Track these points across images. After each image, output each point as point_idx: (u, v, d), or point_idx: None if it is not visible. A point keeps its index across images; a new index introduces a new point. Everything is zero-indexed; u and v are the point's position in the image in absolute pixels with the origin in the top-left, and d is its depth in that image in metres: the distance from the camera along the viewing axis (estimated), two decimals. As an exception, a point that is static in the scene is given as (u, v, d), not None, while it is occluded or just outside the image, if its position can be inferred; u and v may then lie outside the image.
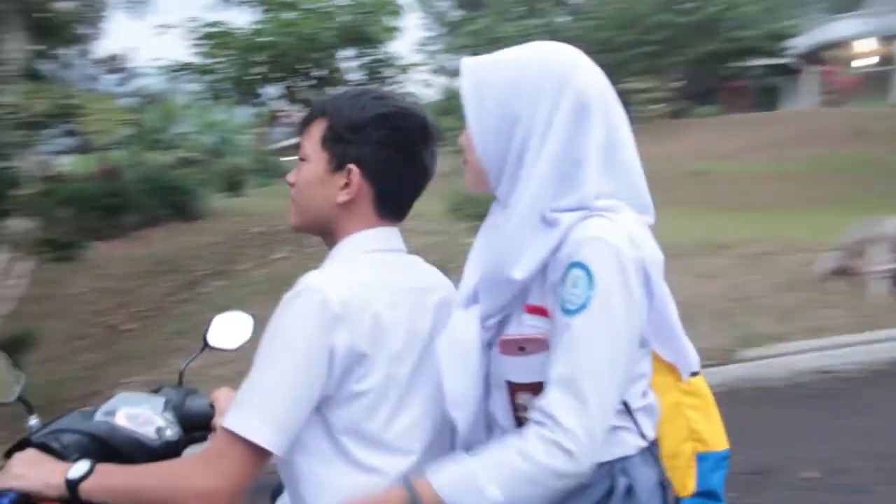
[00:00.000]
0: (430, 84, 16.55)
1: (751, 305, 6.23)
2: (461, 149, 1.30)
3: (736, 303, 6.29)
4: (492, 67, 1.27)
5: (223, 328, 1.81)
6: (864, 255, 6.37)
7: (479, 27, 5.72)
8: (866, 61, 24.95)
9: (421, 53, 24.29)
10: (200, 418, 1.60)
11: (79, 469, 1.26)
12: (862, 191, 12.02)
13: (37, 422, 1.54)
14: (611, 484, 1.20)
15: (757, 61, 26.30)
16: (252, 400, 1.19)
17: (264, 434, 1.15)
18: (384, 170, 1.33)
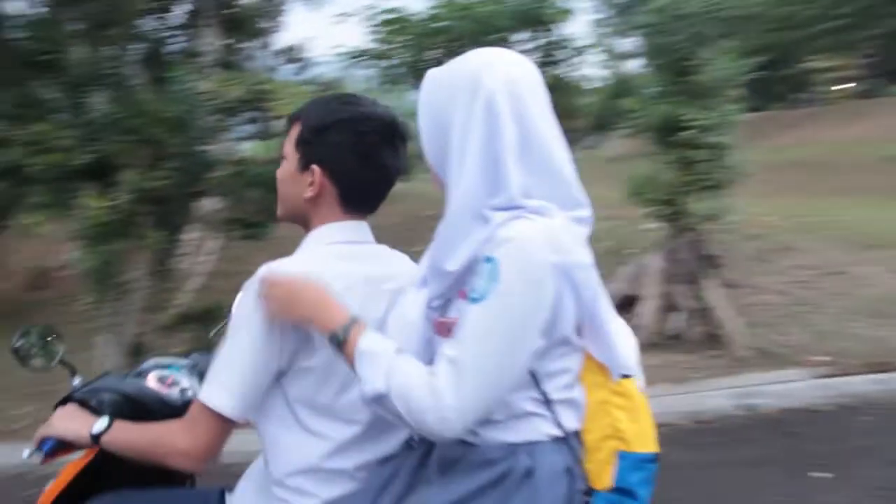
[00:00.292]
0: (604, 66, 16.20)
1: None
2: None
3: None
4: (436, 77, 1.40)
5: None
6: None
7: (664, 3, 5.47)
8: None
9: (594, 36, 23.72)
10: None
11: (100, 425, 1.54)
12: None
13: (79, 381, 1.85)
14: (513, 464, 1.31)
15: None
16: (217, 375, 1.42)
17: (226, 404, 1.39)
18: (345, 170, 1.49)
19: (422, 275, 1.43)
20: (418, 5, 10.25)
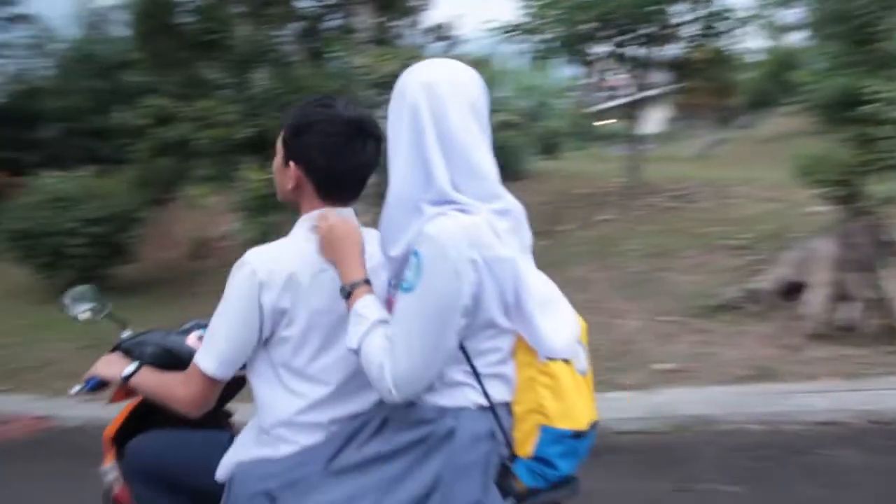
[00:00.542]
0: (766, 39, 15.27)
1: None
2: None
3: None
4: (395, 85, 1.59)
5: None
6: None
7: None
8: None
9: (756, 6, 22.43)
10: None
11: (129, 369, 1.91)
12: None
13: (128, 334, 2.18)
14: (440, 424, 1.52)
15: None
16: (208, 342, 1.72)
17: (210, 367, 1.69)
18: (316, 167, 1.71)
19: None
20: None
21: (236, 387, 2.00)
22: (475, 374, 1.55)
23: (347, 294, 1.58)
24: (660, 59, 10.30)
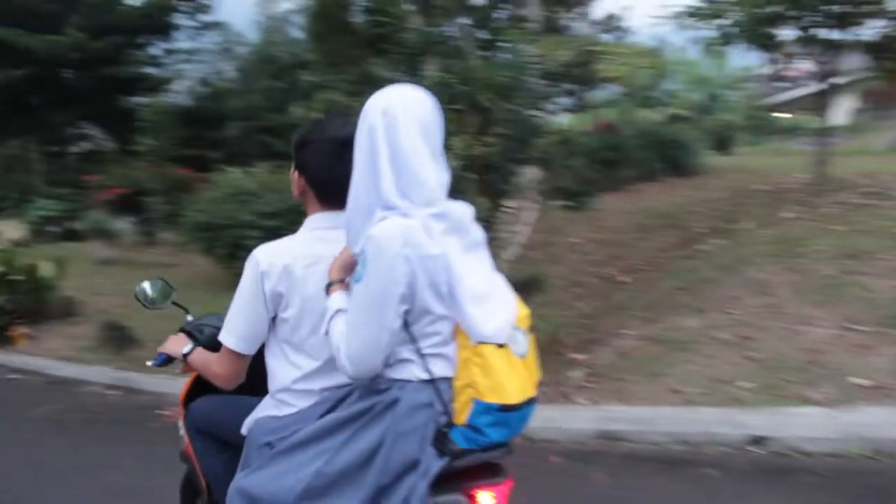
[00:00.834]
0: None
1: None
2: None
3: None
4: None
5: None
6: None
7: None
8: None
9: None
10: None
11: (187, 348, 2.30)
12: None
13: (191, 318, 2.60)
14: (387, 395, 1.84)
15: None
16: (227, 324, 2.07)
17: (232, 342, 2.06)
18: (314, 178, 2.06)
19: None
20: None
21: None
22: (419, 353, 1.84)
23: (327, 290, 1.95)
24: (855, 40, 9.41)
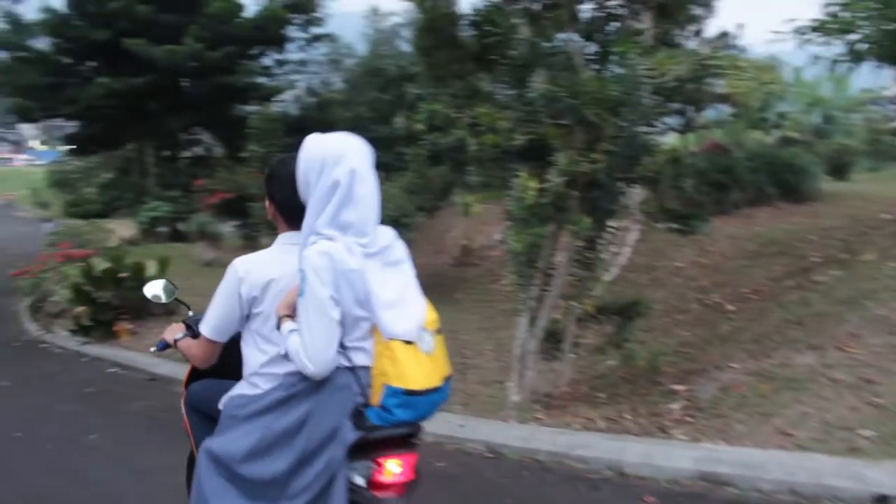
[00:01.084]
0: None
1: None
2: None
3: None
4: (310, 147, 2.40)
5: None
6: None
7: None
8: None
9: None
10: None
11: (177, 336, 2.86)
12: None
13: (192, 313, 3.10)
14: (320, 379, 2.34)
15: None
16: (206, 317, 2.58)
17: (208, 332, 2.58)
18: (279, 204, 2.58)
19: None
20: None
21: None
22: (343, 346, 2.33)
23: (278, 323, 2.43)
24: None
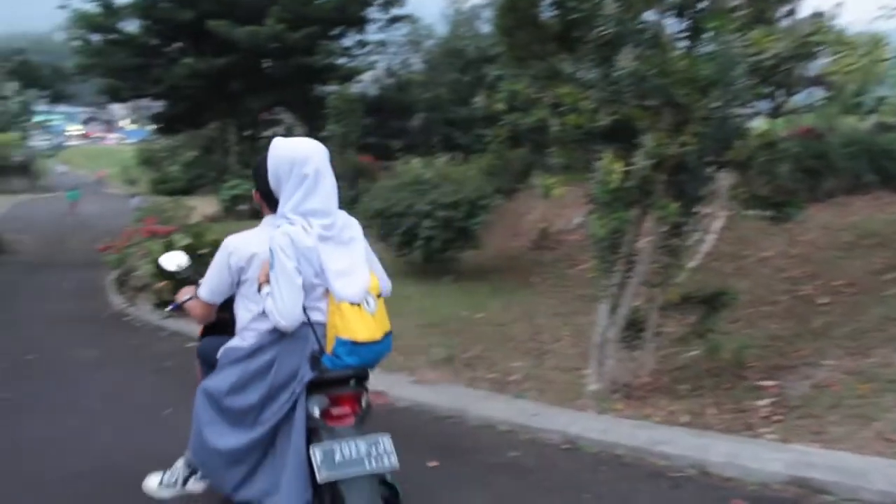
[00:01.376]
0: None
1: None
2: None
3: None
4: (279, 147, 3.07)
5: None
6: None
7: None
8: None
9: None
10: None
11: (186, 297, 3.46)
12: None
13: (202, 281, 3.39)
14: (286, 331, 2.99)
15: None
16: (203, 283, 3.27)
17: (204, 295, 3.27)
18: (263, 192, 3.20)
19: None
20: None
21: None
22: (303, 307, 2.95)
23: (259, 288, 3.04)
24: None
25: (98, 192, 50.62)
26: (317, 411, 2.98)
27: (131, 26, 27.27)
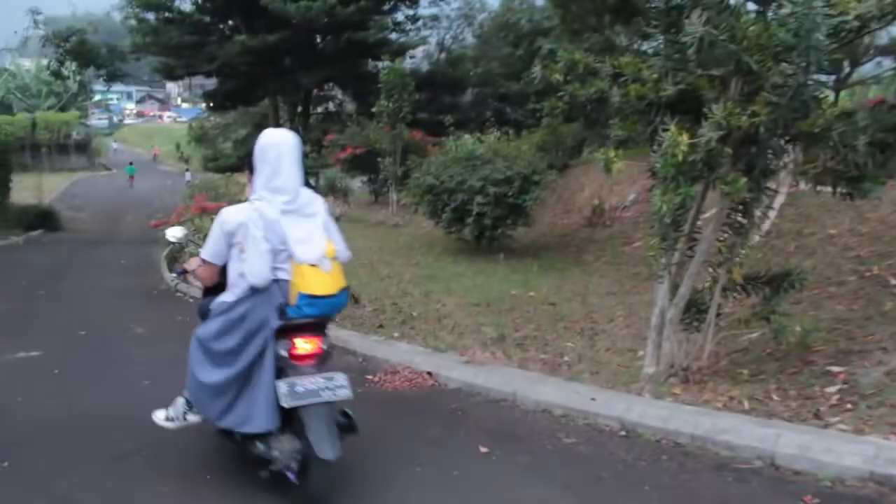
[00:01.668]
0: None
1: None
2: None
3: None
4: (265, 135, 3.84)
5: None
6: None
7: None
8: None
9: None
10: None
11: (193, 265, 4.12)
12: None
13: (202, 251, 3.95)
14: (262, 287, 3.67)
15: None
16: (204, 247, 3.85)
17: (206, 254, 3.84)
18: (251, 173, 3.84)
19: None
20: None
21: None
22: (274, 268, 3.63)
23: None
24: None
25: (153, 170, 51.55)
26: (284, 352, 3.65)
27: (185, 4, 27.43)
